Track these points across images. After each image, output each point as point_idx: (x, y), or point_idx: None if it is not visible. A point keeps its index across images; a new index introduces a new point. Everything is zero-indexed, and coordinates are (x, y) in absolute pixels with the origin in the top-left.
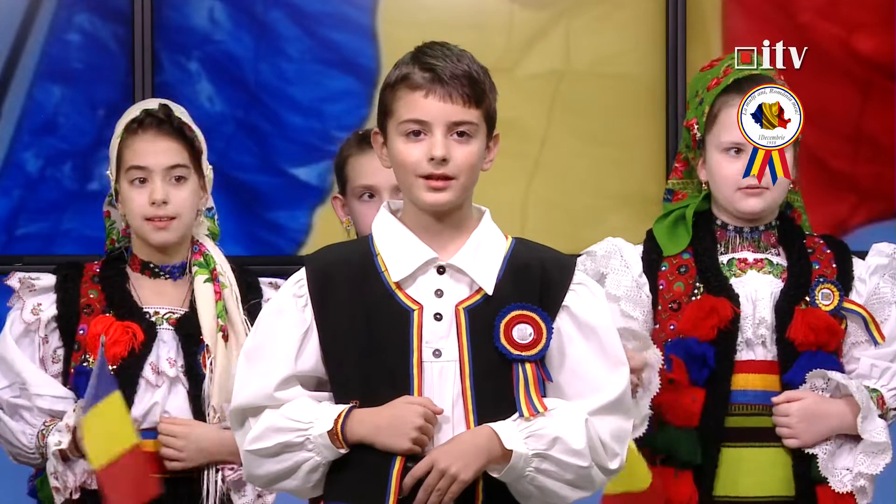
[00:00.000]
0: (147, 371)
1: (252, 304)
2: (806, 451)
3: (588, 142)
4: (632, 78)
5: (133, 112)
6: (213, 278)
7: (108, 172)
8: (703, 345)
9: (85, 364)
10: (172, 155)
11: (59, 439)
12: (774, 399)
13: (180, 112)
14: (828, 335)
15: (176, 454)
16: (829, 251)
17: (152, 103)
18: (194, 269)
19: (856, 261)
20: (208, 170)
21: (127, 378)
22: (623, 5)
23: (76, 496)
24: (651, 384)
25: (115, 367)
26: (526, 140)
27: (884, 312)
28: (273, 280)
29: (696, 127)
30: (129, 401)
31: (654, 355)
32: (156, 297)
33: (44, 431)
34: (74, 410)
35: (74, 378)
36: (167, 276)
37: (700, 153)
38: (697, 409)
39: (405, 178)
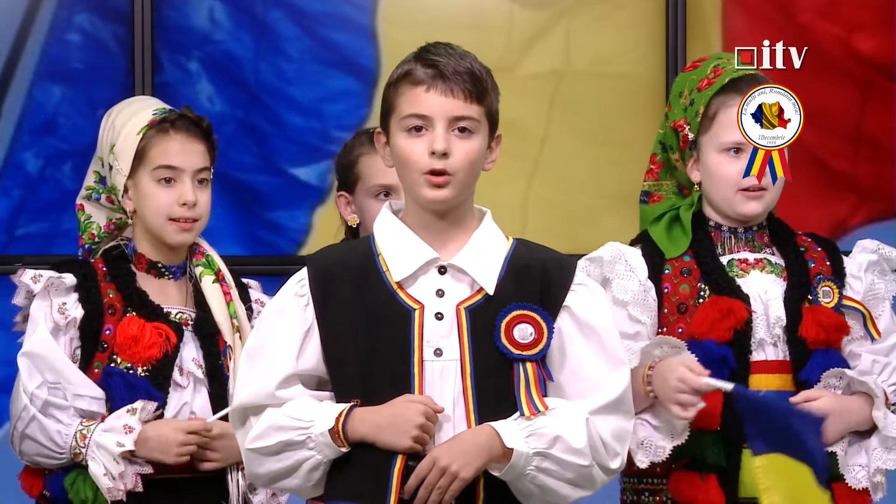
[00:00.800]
0: (174, 372)
1: (248, 307)
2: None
3: (588, 142)
4: (632, 78)
5: (147, 108)
6: (220, 279)
7: (117, 167)
8: (721, 346)
9: (114, 365)
10: (201, 158)
11: (120, 440)
12: (793, 399)
13: None
14: (837, 333)
15: (212, 454)
16: (820, 249)
17: (153, 101)
18: (198, 269)
19: (844, 258)
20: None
21: (160, 381)
22: (623, 5)
23: (124, 498)
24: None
25: (147, 369)
26: (526, 140)
27: (878, 308)
28: (247, 281)
29: (686, 128)
30: (164, 403)
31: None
32: (162, 298)
33: (83, 432)
34: (131, 412)
35: (104, 378)
36: (170, 276)
37: (691, 154)
38: (718, 411)
39: (407, 174)
